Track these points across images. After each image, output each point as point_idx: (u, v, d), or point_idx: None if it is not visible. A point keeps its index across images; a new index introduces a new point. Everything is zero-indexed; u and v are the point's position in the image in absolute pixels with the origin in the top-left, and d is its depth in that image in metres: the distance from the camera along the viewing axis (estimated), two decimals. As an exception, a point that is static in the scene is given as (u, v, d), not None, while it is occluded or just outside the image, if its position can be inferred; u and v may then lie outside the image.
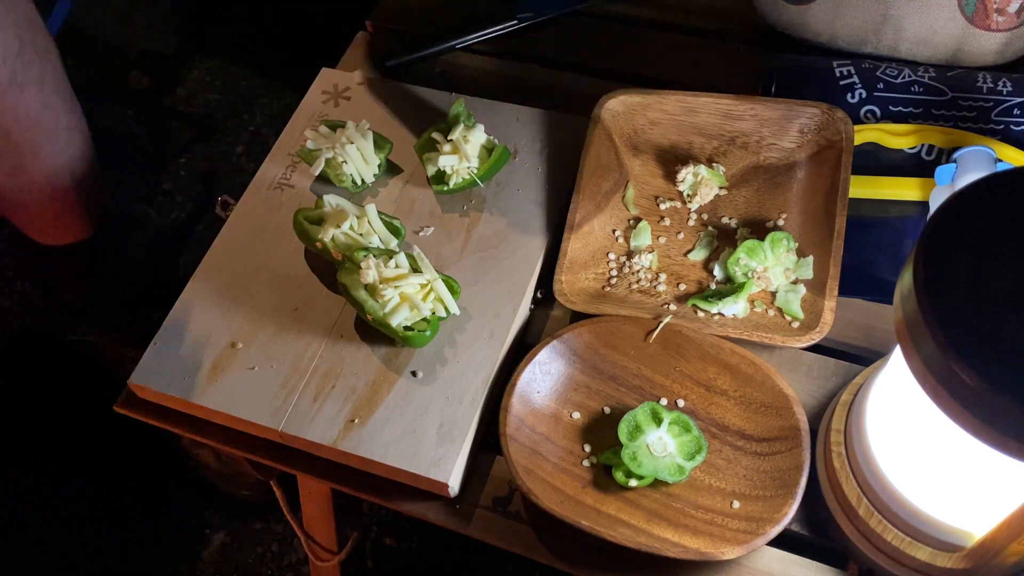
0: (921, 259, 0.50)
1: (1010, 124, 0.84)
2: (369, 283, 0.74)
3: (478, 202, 0.85)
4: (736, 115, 0.84)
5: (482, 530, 0.72)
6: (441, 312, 0.76)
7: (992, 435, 0.48)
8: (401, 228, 0.82)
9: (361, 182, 0.86)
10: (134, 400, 0.80)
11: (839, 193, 0.78)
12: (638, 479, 0.70)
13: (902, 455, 0.61)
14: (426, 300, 0.74)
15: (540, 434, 0.73)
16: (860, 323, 0.78)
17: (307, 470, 0.76)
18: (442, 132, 0.85)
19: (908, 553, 0.62)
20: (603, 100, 0.85)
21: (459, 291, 0.77)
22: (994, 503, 0.57)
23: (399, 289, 0.74)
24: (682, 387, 0.75)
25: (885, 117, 0.86)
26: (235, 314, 0.80)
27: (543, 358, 0.75)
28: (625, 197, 0.85)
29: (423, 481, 0.71)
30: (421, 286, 0.75)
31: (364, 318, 0.75)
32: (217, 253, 0.84)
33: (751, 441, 0.72)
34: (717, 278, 0.80)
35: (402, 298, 0.74)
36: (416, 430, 0.72)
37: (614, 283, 0.81)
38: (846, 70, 0.88)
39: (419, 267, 0.75)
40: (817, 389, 0.76)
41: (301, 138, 0.90)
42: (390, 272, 0.75)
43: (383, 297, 0.73)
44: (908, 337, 0.50)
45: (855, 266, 0.79)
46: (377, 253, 0.77)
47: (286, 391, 0.75)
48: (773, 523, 0.66)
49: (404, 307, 0.73)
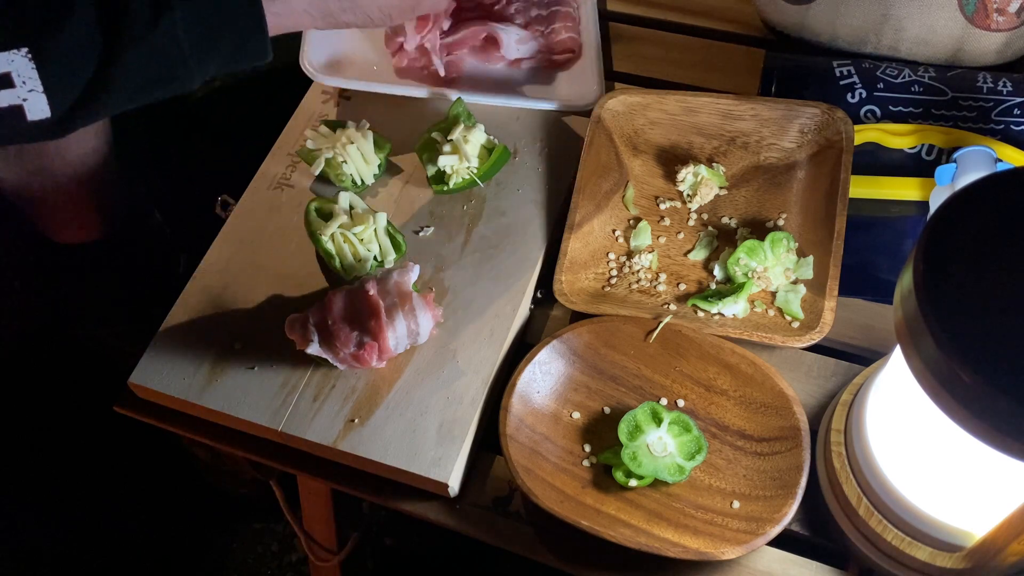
0: (921, 259, 0.50)
1: (1010, 124, 0.84)
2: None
3: (478, 202, 0.85)
4: (736, 115, 0.84)
5: (482, 530, 0.72)
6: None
7: (992, 435, 0.48)
8: (403, 243, 0.82)
9: (361, 182, 0.86)
10: (134, 400, 0.80)
11: (839, 193, 0.78)
12: (638, 479, 0.70)
13: (902, 455, 0.61)
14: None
15: (540, 434, 0.73)
16: (860, 323, 0.78)
17: (307, 470, 0.76)
18: (442, 132, 0.85)
19: (908, 553, 0.62)
20: (603, 100, 0.85)
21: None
22: (994, 503, 0.57)
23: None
24: (682, 387, 0.75)
25: (885, 117, 0.86)
26: (235, 314, 0.80)
27: (543, 358, 0.75)
28: (625, 197, 0.85)
29: (423, 481, 0.71)
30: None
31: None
32: (217, 253, 0.84)
33: (751, 441, 0.72)
34: (717, 278, 0.80)
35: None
36: (416, 430, 0.72)
37: (614, 283, 0.81)
38: (846, 70, 0.88)
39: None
40: (817, 389, 0.76)
41: (301, 138, 0.90)
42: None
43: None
44: (908, 337, 0.50)
45: (855, 266, 0.79)
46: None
47: (286, 391, 0.75)
48: (773, 523, 0.66)
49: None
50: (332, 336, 0.72)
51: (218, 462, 1.26)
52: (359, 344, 0.72)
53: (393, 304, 0.73)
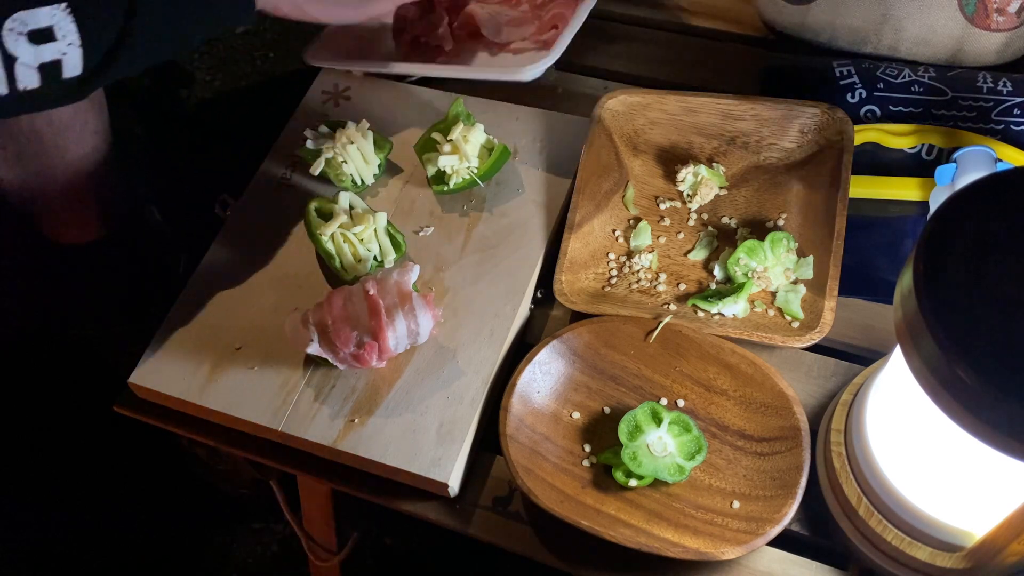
0: (921, 259, 0.50)
1: (1010, 124, 0.84)
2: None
3: (478, 202, 0.85)
4: (736, 115, 0.84)
5: (482, 530, 0.72)
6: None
7: (992, 435, 0.48)
8: (403, 243, 0.82)
9: (361, 182, 0.86)
10: (134, 400, 0.80)
11: (839, 193, 0.78)
12: (638, 479, 0.70)
13: (902, 455, 0.61)
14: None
15: (540, 434, 0.73)
16: (860, 323, 0.78)
17: (307, 470, 0.76)
18: (442, 132, 0.85)
19: (908, 553, 0.62)
20: (603, 100, 0.85)
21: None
22: (994, 503, 0.57)
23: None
24: (682, 387, 0.75)
25: (885, 117, 0.86)
26: (235, 314, 0.80)
27: (543, 358, 0.75)
28: (625, 197, 0.85)
29: (423, 481, 0.71)
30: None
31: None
32: (217, 253, 0.84)
33: (751, 441, 0.72)
34: (717, 278, 0.80)
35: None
36: (416, 430, 0.72)
37: (614, 283, 0.81)
38: (846, 70, 0.88)
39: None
40: (817, 389, 0.76)
41: (301, 138, 0.90)
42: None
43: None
44: (908, 337, 0.50)
45: (855, 266, 0.79)
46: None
47: (286, 391, 0.75)
48: (773, 523, 0.66)
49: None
50: (332, 336, 0.72)
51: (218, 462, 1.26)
52: (359, 344, 0.72)
53: (393, 304, 0.73)
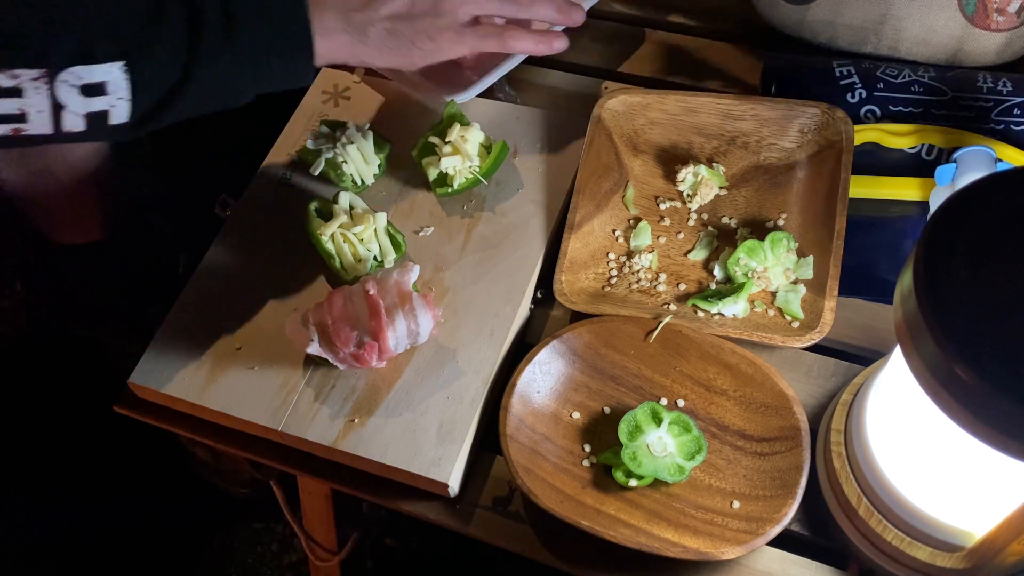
0: (921, 259, 0.50)
1: (1010, 124, 0.84)
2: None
3: (478, 202, 0.85)
4: (736, 115, 0.84)
5: (482, 530, 0.72)
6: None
7: (992, 435, 0.48)
8: (403, 243, 0.82)
9: (361, 182, 0.86)
10: (134, 400, 0.80)
11: (839, 193, 0.78)
12: (638, 479, 0.70)
13: (902, 455, 0.61)
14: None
15: (540, 434, 0.73)
16: (860, 323, 0.78)
17: (307, 470, 0.76)
18: (438, 135, 0.85)
19: (908, 553, 0.62)
20: (603, 100, 0.85)
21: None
22: (994, 503, 0.57)
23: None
24: (682, 387, 0.75)
25: (885, 117, 0.86)
26: (235, 314, 0.80)
27: (543, 358, 0.75)
28: (625, 197, 0.85)
29: (423, 481, 0.71)
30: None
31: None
32: (217, 253, 0.84)
33: (751, 441, 0.72)
34: (717, 278, 0.80)
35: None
36: (416, 430, 0.72)
37: (614, 283, 0.81)
38: (846, 70, 0.88)
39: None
40: (817, 389, 0.76)
41: (301, 138, 0.90)
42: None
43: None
44: (908, 337, 0.50)
45: (855, 266, 0.79)
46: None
47: (286, 391, 0.75)
48: (773, 523, 0.66)
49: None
50: (332, 336, 0.72)
51: (218, 462, 1.26)
52: (359, 344, 0.72)
53: (393, 304, 0.73)
